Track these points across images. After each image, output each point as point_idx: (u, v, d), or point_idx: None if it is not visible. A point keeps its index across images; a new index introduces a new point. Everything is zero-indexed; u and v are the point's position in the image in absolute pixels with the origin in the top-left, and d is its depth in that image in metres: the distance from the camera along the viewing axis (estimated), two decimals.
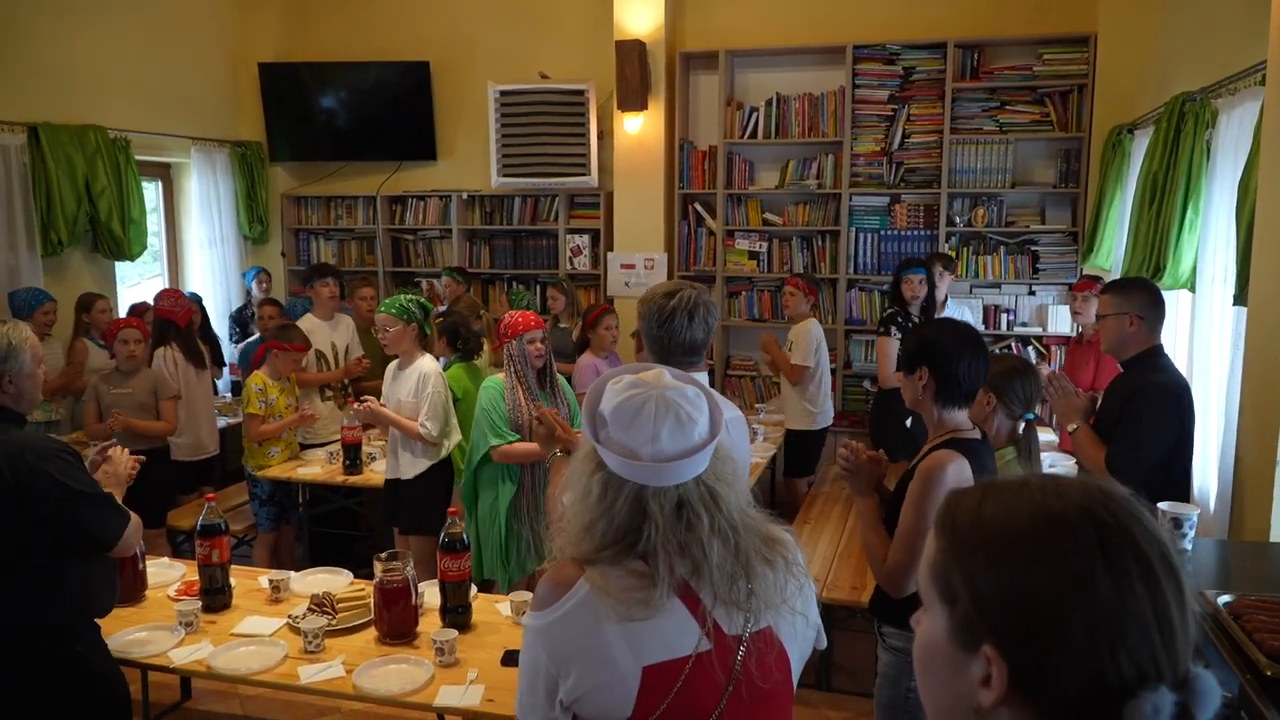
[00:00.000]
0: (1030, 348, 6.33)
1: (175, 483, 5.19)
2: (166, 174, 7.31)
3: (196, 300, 6.49)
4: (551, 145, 6.93)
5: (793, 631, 1.47)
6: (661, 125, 6.66)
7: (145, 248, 6.61)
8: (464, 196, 7.42)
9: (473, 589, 3.04)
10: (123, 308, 6.32)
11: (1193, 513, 2.61)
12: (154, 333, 5.16)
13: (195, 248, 7.35)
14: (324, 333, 5.46)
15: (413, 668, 2.69)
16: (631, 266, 6.85)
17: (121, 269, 6.74)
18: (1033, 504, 0.82)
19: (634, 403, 1.39)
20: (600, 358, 5.07)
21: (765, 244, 6.78)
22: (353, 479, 4.70)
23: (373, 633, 2.91)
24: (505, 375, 3.80)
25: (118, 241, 6.26)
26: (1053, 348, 6.29)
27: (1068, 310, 6.12)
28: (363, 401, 4.20)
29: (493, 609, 3.07)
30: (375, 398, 4.28)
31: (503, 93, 6.93)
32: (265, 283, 7.07)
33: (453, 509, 3.01)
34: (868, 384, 6.63)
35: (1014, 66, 6.14)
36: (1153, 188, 4.25)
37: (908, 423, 4.56)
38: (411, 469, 4.21)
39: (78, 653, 2.48)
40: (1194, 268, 4.00)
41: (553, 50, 7.08)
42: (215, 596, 3.12)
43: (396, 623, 2.86)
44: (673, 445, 1.37)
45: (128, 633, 2.93)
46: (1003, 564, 0.80)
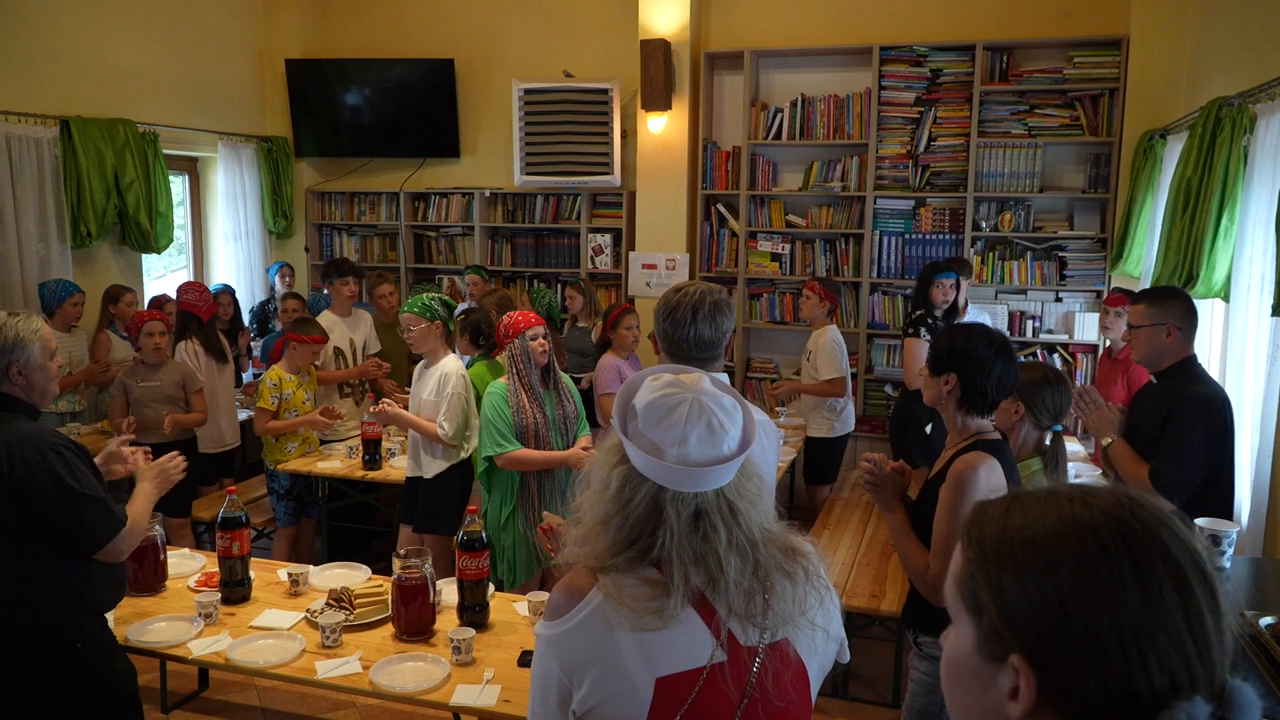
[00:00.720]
0: (1056, 355, 6.26)
1: (198, 474, 5.22)
2: (193, 168, 7.35)
3: (230, 292, 6.57)
4: (575, 144, 6.92)
5: (812, 646, 1.43)
6: (685, 125, 6.64)
7: (171, 241, 6.65)
8: (486, 194, 7.43)
9: (490, 588, 3.02)
10: (148, 300, 6.37)
11: (1232, 530, 2.56)
12: (176, 325, 5.20)
13: (220, 242, 7.40)
14: (342, 329, 5.46)
15: (429, 665, 2.68)
16: (653, 267, 6.83)
17: (148, 261, 6.78)
18: (1060, 512, 0.81)
19: (668, 401, 1.36)
20: (622, 358, 5.05)
21: (788, 246, 6.75)
22: (372, 474, 4.70)
23: (390, 629, 2.91)
24: (508, 378, 3.76)
25: (145, 234, 6.30)
26: (1079, 355, 6.22)
27: (1095, 318, 6.07)
28: (380, 404, 4.21)
29: (510, 608, 3.06)
30: (396, 394, 4.28)
31: (527, 91, 6.93)
32: (288, 277, 7.11)
33: (472, 507, 3.00)
34: (889, 389, 6.58)
35: (1044, 69, 6.08)
36: (1186, 194, 4.18)
37: (928, 429, 4.53)
38: (431, 469, 4.20)
39: (78, 649, 2.45)
40: (1228, 276, 3.94)
41: (577, 49, 7.08)
42: (235, 589, 3.13)
43: (414, 620, 2.85)
44: (699, 451, 1.34)
45: (148, 622, 2.94)
46: (1029, 572, 0.79)
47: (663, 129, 6.65)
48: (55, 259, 5.76)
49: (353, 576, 3.32)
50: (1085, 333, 6.15)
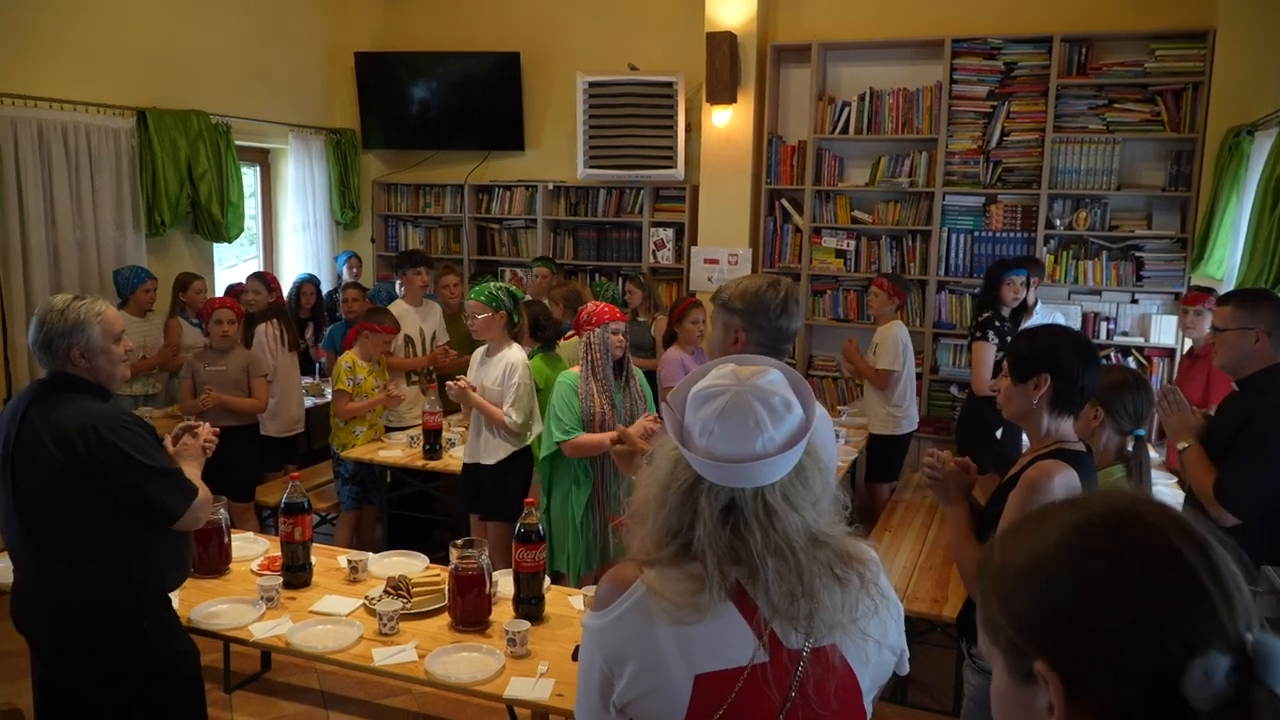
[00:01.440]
0: (1130, 358, 6.06)
1: (263, 459, 5.35)
2: (265, 159, 7.49)
3: (314, 282, 6.80)
4: (638, 137, 6.90)
5: (863, 656, 1.37)
6: (750, 119, 6.56)
7: (242, 230, 6.79)
8: (550, 187, 7.45)
9: (546, 580, 3.02)
10: (219, 289, 6.52)
11: None
12: (260, 309, 5.52)
13: (289, 232, 7.53)
14: (413, 318, 5.57)
15: (484, 656, 2.68)
16: (715, 261, 6.78)
17: (219, 250, 6.93)
18: (1058, 521, 0.84)
19: (712, 390, 1.34)
20: (687, 352, 5.03)
21: (853, 242, 6.64)
22: (432, 464, 4.74)
23: (446, 619, 2.92)
24: (581, 366, 3.77)
25: (216, 224, 6.44)
26: (1155, 359, 6.01)
27: (1173, 321, 5.86)
28: (455, 380, 4.22)
29: (566, 602, 3.05)
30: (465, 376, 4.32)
31: (591, 84, 6.92)
32: (356, 268, 7.21)
33: (530, 499, 3.00)
34: (955, 389, 6.44)
35: (1124, 62, 5.88)
36: (1275, 192, 4.01)
37: (998, 433, 4.41)
38: (492, 455, 4.24)
39: (144, 628, 2.49)
40: None
41: (642, 41, 7.05)
42: (296, 573, 3.17)
43: (470, 610, 2.86)
44: (726, 445, 1.30)
45: (211, 604, 2.99)
46: (1030, 578, 0.82)
47: (727, 122, 6.59)
48: (130, 247, 5.92)
49: (410, 565, 3.35)
50: (1162, 336, 5.94)
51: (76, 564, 2.42)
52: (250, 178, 7.32)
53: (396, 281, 5.91)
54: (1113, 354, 6.08)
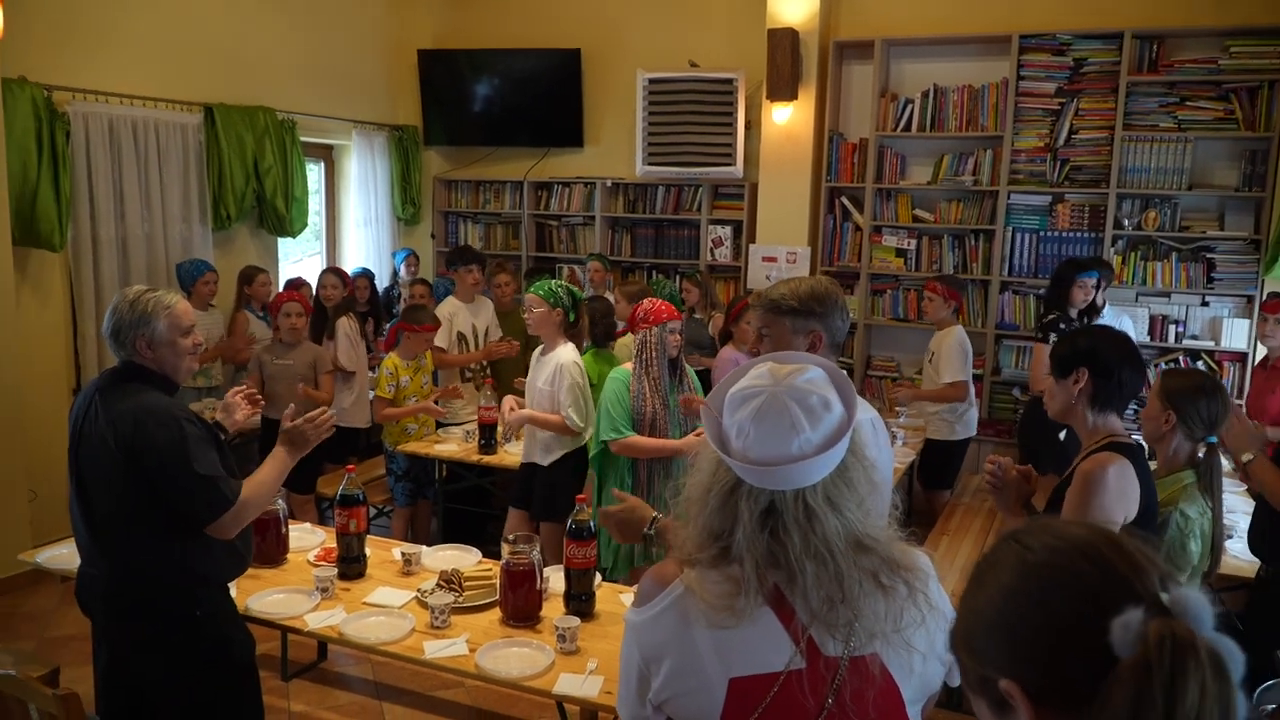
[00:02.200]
0: (1200, 362, 5.88)
1: (325, 451, 5.41)
2: (329, 155, 7.62)
3: (368, 277, 6.87)
4: (698, 134, 6.87)
5: (906, 666, 1.33)
6: (811, 116, 6.50)
7: (306, 225, 6.91)
8: (608, 184, 7.45)
9: (597, 577, 3.02)
10: (283, 283, 6.63)
11: None
12: (336, 304, 5.72)
13: (351, 227, 7.65)
14: (465, 315, 5.59)
15: (534, 652, 2.69)
16: (773, 260, 6.72)
17: (284, 245, 7.06)
18: (994, 578, 0.93)
19: (749, 391, 1.32)
20: (742, 351, 4.99)
21: (914, 241, 6.53)
22: (487, 459, 4.78)
23: (497, 613, 2.93)
24: (634, 363, 3.75)
25: (281, 219, 6.56)
26: (1225, 363, 5.82)
27: (1244, 324, 5.67)
28: (503, 402, 4.27)
29: (616, 599, 3.05)
30: (516, 380, 4.33)
31: (651, 81, 6.91)
32: (413, 266, 7.29)
33: (581, 496, 3.00)
34: (1017, 391, 6.31)
35: (1196, 59, 5.69)
36: None
37: (1061, 435, 4.30)
38: (547, 455, 4.24)
39: (198, 617, 2.51)
40: None
41: (703, 38, 7.02)
42: (351, 565, 3.21)
43: (521, 605, 2.87)
44: (761, 448, 1.27)
45: (268, 593, 3.05)
46: (982, 615, 0.92)
47: (787, 120, 6.53)
48: (197, 240, 6.06)
49: (463, 559, 3.38)
50: (1233, 339, 5.75)
51: (131, 553, 2.46)
52: (314, 173, 7.45)
53: None
54: (1181, 358, 5.90)
